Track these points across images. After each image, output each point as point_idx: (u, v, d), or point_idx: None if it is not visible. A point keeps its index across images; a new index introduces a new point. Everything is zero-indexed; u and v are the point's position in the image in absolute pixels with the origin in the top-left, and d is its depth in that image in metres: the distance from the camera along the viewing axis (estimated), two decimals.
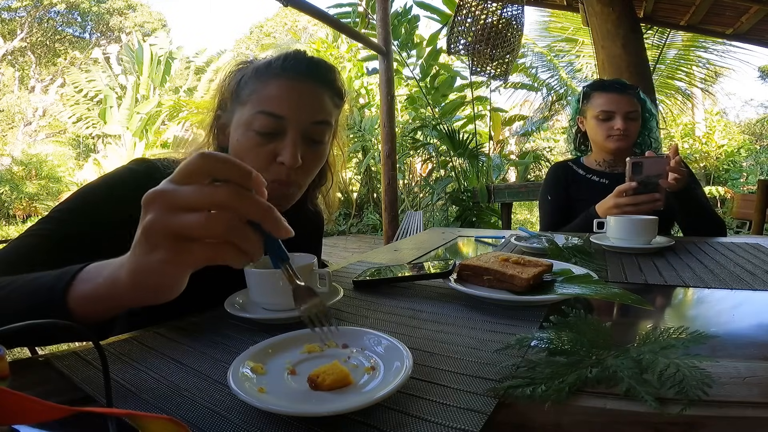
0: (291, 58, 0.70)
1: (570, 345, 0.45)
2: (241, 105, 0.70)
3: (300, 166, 0.68)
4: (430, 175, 6.84)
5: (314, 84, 0.70)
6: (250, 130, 0.67)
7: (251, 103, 0.68)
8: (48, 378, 0.44)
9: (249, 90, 0.69)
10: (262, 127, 0.66)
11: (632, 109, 1.40)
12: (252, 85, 0.69)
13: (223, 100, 0.74)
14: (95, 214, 0.62)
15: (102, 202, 0.63)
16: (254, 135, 0.67)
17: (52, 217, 0.61)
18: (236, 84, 0.71)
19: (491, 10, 2.59)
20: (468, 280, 0.70)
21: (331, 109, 0.73)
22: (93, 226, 0.61)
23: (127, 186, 0.65)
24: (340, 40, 8.26)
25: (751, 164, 8.13)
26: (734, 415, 0.34)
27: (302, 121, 0.68)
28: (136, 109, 8.71)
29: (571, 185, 1.51)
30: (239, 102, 0.70)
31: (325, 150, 0.75)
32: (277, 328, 0.56)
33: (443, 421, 0.34)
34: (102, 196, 0.64)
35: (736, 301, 0.65)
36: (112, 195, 0.64)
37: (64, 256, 0.58)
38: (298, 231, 0.87)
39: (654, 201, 1.19)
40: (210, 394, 0.39)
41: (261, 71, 0.70)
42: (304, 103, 0.68)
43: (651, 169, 1.21)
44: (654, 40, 4.99)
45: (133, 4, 16.84)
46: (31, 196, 9.10)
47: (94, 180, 0.67)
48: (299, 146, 0.67)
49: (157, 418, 0.25)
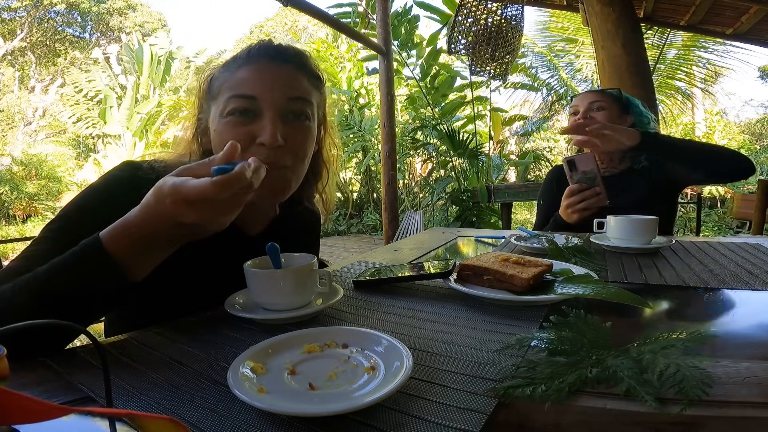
0: (257, 46, 0.70)
1: (570, 345, 0.45)
2: (214, 100, 0.70)
3: (285, 146, 0.66)
4: (430, 175, 6.84)
5: (284, 64, 0.69)
6: (224, 116, 0.66)
7: (222, 93, 0.68)
8: (48, 378, 0.44)
9: (219, 83, 0.69)
10: (236, 110, 0.65)
11: (595, 99, 1.41)
12: (221, 78, 0.69)
13: (200, 104, 0.74)
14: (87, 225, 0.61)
15: (92, 213, 0.62)
16: (230, 119, 0.66)
17: (45, 237, 0.60)
18: (208, 84, 0.72)
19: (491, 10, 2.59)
20: (468, 280, 0.70)
21: (307, 88, 0.71)
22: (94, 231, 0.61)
23: (113, 193, 0.64)
24: (340, 40, 8.26)
25: None
26: (734, 415, 0.34)
27: (276, 99, 0.66)
28: (136, 109, 8.71)
29: (564, 188, 1.52)
30: (212, 98, 0.71)
31: (310, 128, 0.72)
32: (277, 328, 0.56)
33: (443, 421, 0.34)
34: (92, 207, 0.63)
35: (736, 301, 0.65)
36: (103, 205, 0.63)
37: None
38: (294, 229, 0.87)
39: (596, 195, 1.23)
40: (210, 394, 0.39)
41: (229, 64, 0.70)
42: (276, 81, 0.67)
43: (583, 164, 1.25)
44: (654, 40, 4.99)
45: (133, 4, 16.84)
46: (31, 196, 9.10)
47: (84, 190, 0.66)
48: (278, 125, 0.65)
49: (157, 418, 0.25)
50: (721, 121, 9.49)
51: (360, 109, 7.50)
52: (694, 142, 1.32)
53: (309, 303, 0.61)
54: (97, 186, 0.66)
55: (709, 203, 7.40)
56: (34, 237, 0.62)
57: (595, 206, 1.24)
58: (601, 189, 1.23)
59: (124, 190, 0.64)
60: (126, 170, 0.67)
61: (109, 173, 0.67)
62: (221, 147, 0.61)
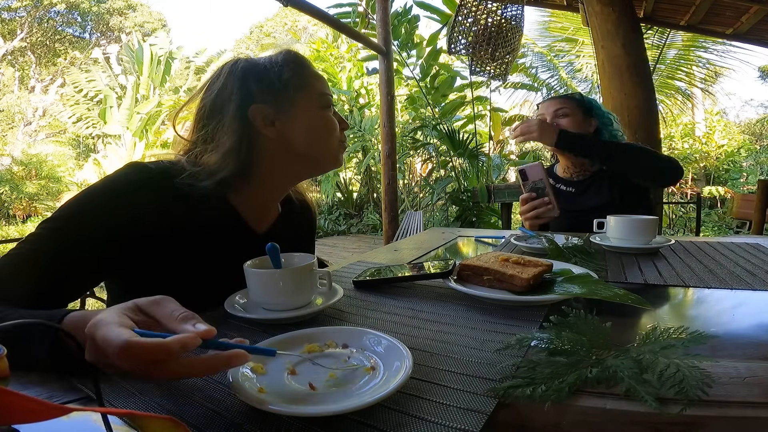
0: (298, 54, 0.79)
1: (570, 345, 0.45)
2: (297, 92, 0.75)
3: None
4: (430, 175, 6.84)
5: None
6: (322, 108, 0.78)
7: (311, 87, 0.77)
8: (48, 378, 0.43)
9: (297, 79, 0.75)
10: (328, 104, 0.79)
11: (559, 106, 1.45)
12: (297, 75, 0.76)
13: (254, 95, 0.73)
14: (94, 223, 0.61)
15: (100, 211, 0.62)
16: (327, 111, 0.79)
17: (39, 235, 0.59)
18: (276, 77, 0.74)
19: (491, 10, 2.59)
20: (468, 280, 0.70)
21: None
22: (94, 233, 0.60)
23: (125, 194, 0.64)
24: (340, 40, 8.26)
25: (751, 164, 8.12)
26: (734, 415, 0.34)
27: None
28: (136, 109, 8.71)
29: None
30: (293, 90, 0.75)
31: None
32: (277, 328, 0.56)
33: (443, 421, 0.34)
34: (100, 206, 0.62)
35: (736, 301, 0.65)
36: (109, 204, 0.63)
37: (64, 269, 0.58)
38: (292, 228, 0.88)
39: (546, 205, 1.28)
40: (210, 394, 0.39)
41: (293, 63, 0.77)
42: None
43: (533, 173, 1.31)
44: (654, 40, 4.99)
45: (133, 4, 16.83)
46: (31, 196, 9.10)
47: (91, 186, 0.65)
48: None
49: (157, 417, 0.25)
50: (721, 121, 9.47)
51: (360, 109, 7.50)
52: (627, 146, 1.38)
53: (309, 303, 0.61)
54: (99, 187, 0.65)
55: (709, 203, 7.39)
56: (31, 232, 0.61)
57: (545, 216, 1.29)
58: (551, 199, 1.27)
59: (129, 190, 0.64)
60: (131, 172, 0.67)
61: (113, 174, 0.67)
62: (321, 131, 0.78)
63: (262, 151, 0.74)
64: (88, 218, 0.61)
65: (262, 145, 0.74)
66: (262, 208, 0.80)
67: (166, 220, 0.65)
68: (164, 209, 0.65)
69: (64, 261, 0.58)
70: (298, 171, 0.81)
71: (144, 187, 0.65)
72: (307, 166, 0.81)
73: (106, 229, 0.61)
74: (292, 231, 0.86)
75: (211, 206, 0.69)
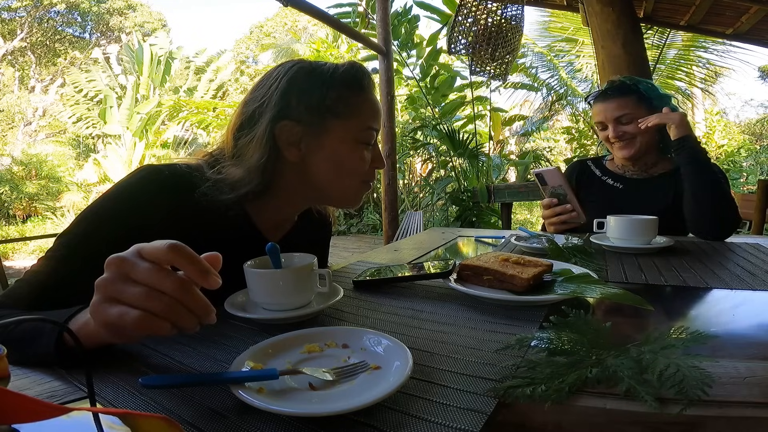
0: (366, 76, 0.74)
1: (570, 345, 0.45)
2: (338, 118, 0.70)
3: None
4: (430, 175, 6.84)
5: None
6: (361, 143, 0.72)
7: (356, 118, 0.71)
8: (48, 378, 0.44)
9: (344, 105, 0.70)
10: (370, 139, 0.73)
11: (622, 113, 1.30)
12: (346, 100, 0.70)
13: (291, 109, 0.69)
14: (110, 238, 0.60)
15: (115, 224, 0.62)
16: (364, 147, 0.73)
17: (55, 256, 0.59)
18: (320, 96, 0.69)
19: (491, 10, 2.59)
20: (468, 280, 0.70)
21: None
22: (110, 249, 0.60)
23: (144, 196, 0.64)
24: (340, 40, 8.27)
25: (751, 164, 8.12)
26: (734, 415, 0.34)
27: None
28: (136, 109, 8.71)
29: (583, 185, 1.46)
30: (335, 115, 0.70)
31: None
32: (277, 328, 0.56)
33: (443, 421, 0.34)
34: (114, 218, 0.63)
35: (736, 301, 0.65)
36: (124, 215, 0.63)
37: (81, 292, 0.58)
38: (306, 240, 0.86)
39: (569, 213, 1.24)
40: (210, 394, 0.39)
41: (349, 84, 0.71)
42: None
43: (551, 179, 1.27)
44: (654, 40, 4.98)
45: (133, 4, 16.83)
46: (31, 196, 9.09)
47: (107, 194, 0.65)
48: None
49: (150, 416, 0.25)
50: (721, 121, 9.48)
51: None
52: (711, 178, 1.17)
53: (309, 303, 0.61)
54: (114, 196, 0.64)
55: None
56: (34, 237, 0.61)
57: (571, 222, 1.26)
58: (575, 206, 1.24)
59: (145, 199, 0.64)
60: (147, 180, 0.66)
61: (129, 180, 0.66)
62: (352, 166, 0.72)
63: (280, 171, 0.71)
64: (104, 232, 0.61)
65: (282, 165, 0.71)
66: (278, 220, 0.79)
67: (179, 226, 0.65)
68: (179, 216, 0.65)
69: (83, 279, 0.57)
70: (314, 199, 0.80)
71: (160, 195, 0.65)
72: (321, 199, 0.79)
73: (122, 242, 0.61)
74: (305, 243, 0.83)
75: (228, 215, 0.69)
